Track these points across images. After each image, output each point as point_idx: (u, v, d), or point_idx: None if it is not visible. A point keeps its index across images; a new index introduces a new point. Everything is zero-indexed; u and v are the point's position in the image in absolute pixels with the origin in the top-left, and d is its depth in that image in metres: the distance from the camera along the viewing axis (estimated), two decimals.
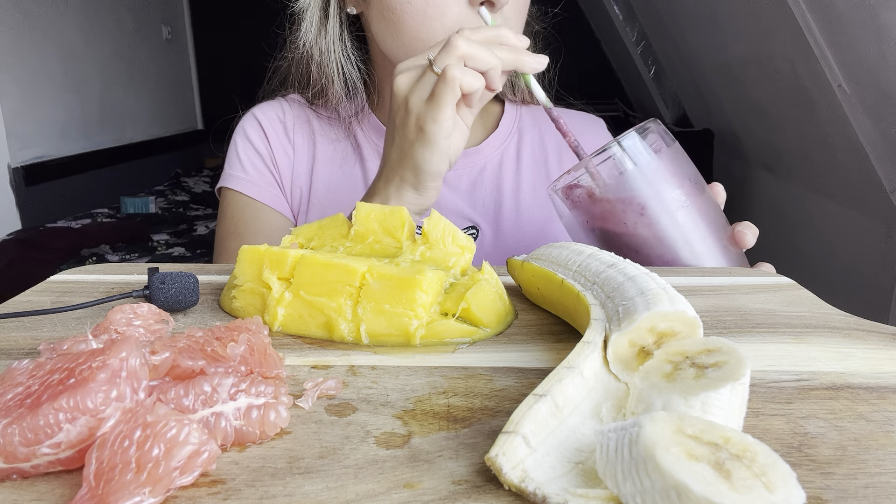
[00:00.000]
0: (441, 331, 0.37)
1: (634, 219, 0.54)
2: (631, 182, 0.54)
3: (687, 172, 0.56)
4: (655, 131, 0.56)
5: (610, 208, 0.55)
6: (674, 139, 0.57)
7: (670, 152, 0.56)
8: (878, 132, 1.31)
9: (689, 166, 0.57)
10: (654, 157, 0.55)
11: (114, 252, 2.29)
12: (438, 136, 0.53)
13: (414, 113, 0.54)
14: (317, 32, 0.72)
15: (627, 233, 0.55)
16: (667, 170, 0.55)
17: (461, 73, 0.51)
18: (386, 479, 0.24)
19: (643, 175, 0.54)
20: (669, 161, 0.55)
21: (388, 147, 0.58)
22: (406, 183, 0.57)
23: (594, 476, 0.23)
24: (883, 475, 0.25)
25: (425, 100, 0.53)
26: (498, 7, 0.61)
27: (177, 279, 0.41)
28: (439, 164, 0.55)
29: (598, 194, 0.55)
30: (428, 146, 0.54)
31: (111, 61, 3.33)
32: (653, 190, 0.54)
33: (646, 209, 0.54)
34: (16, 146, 2.61)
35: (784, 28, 1.41)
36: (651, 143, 0.55)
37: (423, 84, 0.53)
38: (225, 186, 0.78)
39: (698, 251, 0.55)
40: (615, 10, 2.98)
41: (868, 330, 0.39)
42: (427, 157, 0.54)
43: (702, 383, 0.25)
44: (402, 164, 0.56)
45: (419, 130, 0.54)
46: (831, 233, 1.60)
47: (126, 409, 0.25)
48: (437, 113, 0.52)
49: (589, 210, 0.56)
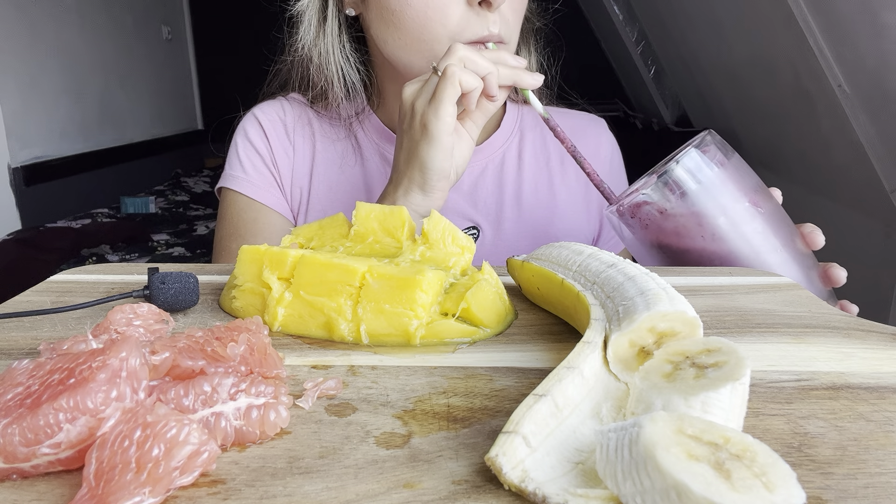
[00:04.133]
0: (441, 331, 0.37)
1: (711, 231, 0.54)
2: (698, 198, 0.53)
3: (751, 182, 0.56)
4: (713, 143, 0.55)
5: (684, 223, 0.54)
6: (733, 151, 0.56)
7: (732, 164, 0.55)
8: (878, 132, 1.31)
9: (753, 175, 0.56)
10: (719, 171, 0.54)
11: (114, 252, 2.29)
12: (440, 132, 0.57)
13: (419, 113, 0.58)
14: (315, 35, 0.72)
15: (703, 247, 0.54)
16: (733, 182, 0.54)
17: (460, 70, 0.56)
18: (386, 479, 0.24)
19: (709, 191, 0.53)
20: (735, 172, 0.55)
21: (398, 152, 0.62)
22: (413, 184, 0.60)
23: (594, 476, 0.23)
24: (883, 475, 0.25)
25: (429, 100, 0.57)
26: (495, 6, 0.62)
27: (177, 279, 0.41)
28: (443, 162, 0.58)
29: (670, 211, 0.54)
30: (431, 142, 0.57)
31: (111, 61, 3.33)
32: (720, 204, 0.54)
33: (719, 224, 0.54)
34: (16, 146, 2.61)
35: (784, 28, 1.41)
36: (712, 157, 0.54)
37: (427, 87, 0.59)
38: (225, 187, 0.78)
39: (771, 259, 0.55)
40: (615, 10, 2.97)
41: (868, 330, 0.39)
42: (432, 153, 0.58)
43: (702, 383, 0.25)
44: (410, 165, 0.60)
45: (423, 128, 0.58)
46: (831, 233, 1.60)
47: (126, 409, 0.25)
48: (438, 108, 0.56)
49: (660, 227, 0.55)
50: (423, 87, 0.59)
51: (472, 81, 0.56)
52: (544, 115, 0.60)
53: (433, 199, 0.60)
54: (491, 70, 0.57)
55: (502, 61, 0.59)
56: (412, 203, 0.60)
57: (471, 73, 0.56)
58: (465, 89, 0.56)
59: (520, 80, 0.60)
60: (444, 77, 0.56)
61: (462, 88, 0.56)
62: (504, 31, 0.65)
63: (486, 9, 0.63)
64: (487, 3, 0.62)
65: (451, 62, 0.56)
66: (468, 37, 0.63)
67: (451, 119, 0.57)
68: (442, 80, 0.56)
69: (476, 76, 0.56)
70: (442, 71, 0.56)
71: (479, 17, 0.63)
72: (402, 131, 0.61)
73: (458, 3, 0.63)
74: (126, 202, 2.96)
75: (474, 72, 0.56)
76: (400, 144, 0.62)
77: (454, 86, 0.55)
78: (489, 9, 0.62)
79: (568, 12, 0.86)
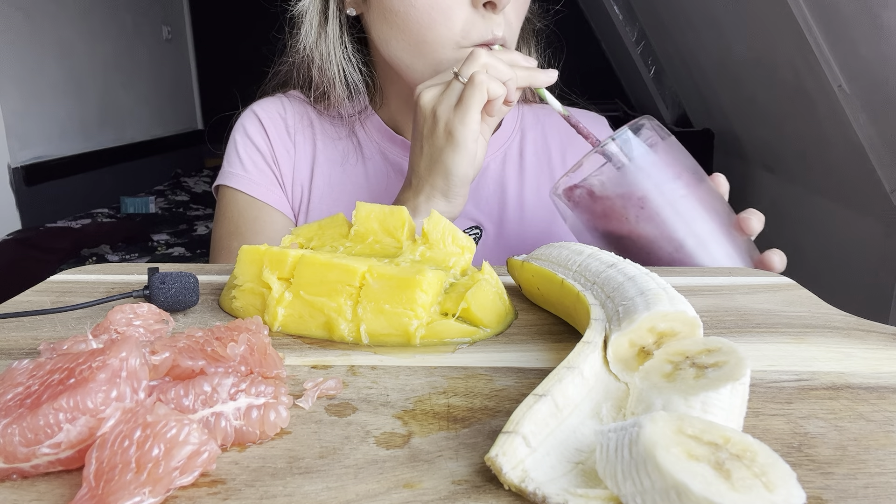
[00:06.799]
0: (441, 331, 0.37)
1: (636, 213, 0.54)
2: (628, 177, 0.54)
3: (685, 164, 0.56)
4: (649, 127, 0.56)
5: (611, 205, 0.55)
6: (669, 133, 0.57)
7: (665, 146, 0.56)
8: (878, 132, 1.31)
9: (687, 158, 0.57)
10: (649, 151, 0.55)
11: (114, 252, 2.29)
12: (468, 139, 0.57)
13: (443, 119, 0.58)
14: (317, 35, 0.72)
15: (631, 230, 0.55)
16: (663, 162, 0.55)
17: (487, 78, 0.56)
18: (386, 479, 0.24)
19: (639, 169, 0.55)
20: (665, 154, 0.56)
21: (417, 158, 0.61)
22: (436, 191, 0.60)
23: (594, 476, 0.23)
24: (883, 475, 0.25)
25: (453, 106, 0.57)
26: (500, 8, 0.62)
27: (177, 279, 0.41)
28: (468, 168, 0.58)
29: (598, 192, 0.55)
30: (458, 149, 0.57)
31: (111, 61, 3.33)
32: (651, 182, 0.54)
33: (646, 202, 0.54)
34: (16, 146, 2.61)
35: (784, 28, 1.41)
36: (645, 138, 0.55)
37: (450, 93, 0.58)
38: (224, 185, 0.77)
39: (704, 240, 0.55)
40: (615, 10, 2.97)
41: (868, 330, 0.39)
42: (458, 160, 0.58)
43: (702, 383, 0.25)
44: (433, 172, 0.59)
45: (448, 135, 0.57)
46: (831, 233, 1.60)
47: (126, 409, 0.25)
48: (466, 115, 0.56)
49: (591, 209, 0.57)
50: (446, 93, 0.58)
51: (498, 89, 0.56)
52: (564, 112, 0.60)
53: (455, 204, 0.60)
54: (512, 76, 0.57)
55: (516, 63, 0.59)
56: (436, 209, 0.59)
57: (496, 80, 0.56)
58: (492, 97, 0.56)
59: (535, 80, 0.60)
60: (471, 84, 0.55)
61: (489, 95, 0.56)
62: (507, 34, 0.64)
63: (490, 10, 0.62)
64: (492, 4, 0.61)
65: (477, 69, 0.56)
66: (473, 39, 0.63)
67: (478, 126, 0.57)
68: (469, 87, 0.55)
69: (500, 83, 0.56)
70: (468, 78, 0.56)
71: (484, 20, 0.63)
72: (423, 137, 0.60)
73: (462, 5, 0.62)
74: (126, 202, 2.96)
75: (497, 78, 0.56)
76: (419, 150, 0.61)
77: (482, 93, 0.55)
78: (494, 10, 0.62)
79: (568, 12, 0.85)
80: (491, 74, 0.56)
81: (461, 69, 0.57)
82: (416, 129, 0.61)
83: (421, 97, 0.60)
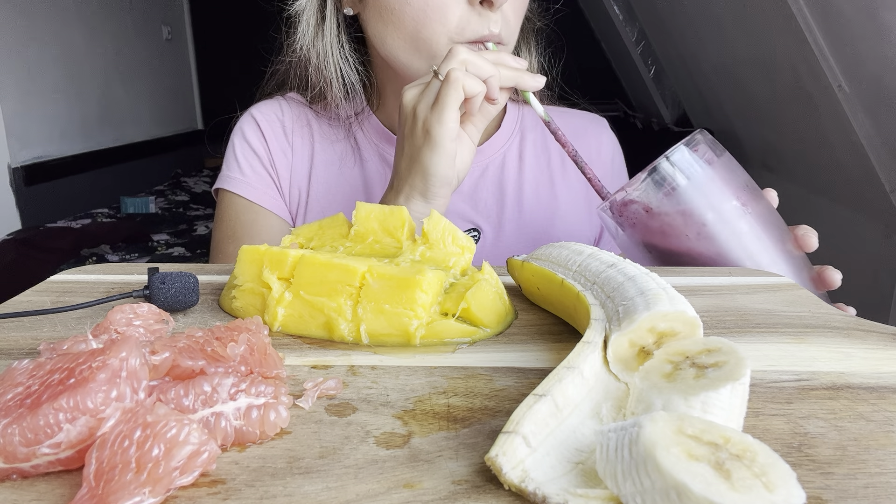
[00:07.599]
0: (441, 331, 0.37)
1: (696, 231, 0.53)
2: (685, 196, 0.53)
3: (741, 180, 0.55)
4: (704, 142, 0.55)
5: (669, 222, 0.54)
6: (724, 149, 0.56)
7: (722, 162, 0.55)
8: (878, 132, 1.31)
9: (743, 174, 0.56)
10: (706, 167, 0.54)
11: (114, 252, 2.29)
12: (444, 138, 0.56)
13: (421, 118, 0.57)
14: (314, 35, 0.71)
15: (690, 248, 0.54)
16: (721, 179, 0.54)
17: (463, 75, 0.54)
18: (386, 479, 0.24)
19: (697, 188, 0.53)
20: (724, 170, 0.55)
21: (398, 158, 0.61)
22: (415, 191, 0.59)
23: (594, 476, 0.23)
24: (883, 475, 0.25)
25: (431, 104, 0.56)
26: (497, 5, 0.61)
27: (177, 279, 0.41)
28: (446, 168, 0.57)
29: (656, 209, 0.54)
30: (435, 149, 0.56)
31: (111, 61, 3.33)
32: (709, 201, 0.53)
33: (705, 221, 0.53)
34: (16, 146, 2.61)
35: (784, 28, 1.41)
36: (701, 154, 0.54)
37: (428, 91, 0.57)
38: (222, 188, 0.77)
39: (763, 259, 0.54)
40: (615, 10, 2.97)
41: (868, 330, 0.39)
42: (435, 160, 0.57)
43: (702, 383, 0.25)
44: (411, 171, 0.59)
45: (426, 134, 0.56)
46: (831, 233, 1.60)
47: (126, 409, 0.25)
48: (442, 113, 0.55)
49: (647, 226, 0.55)
50: (425, 92, 0.57)
51: (476, 86, 0.55)
52: (545, 117, 0.60)
53: (435, 205, 0.60)
54: (493, 73, 0.56)
55: (503, 63, 0.58)
56: (413, 210, 0.59)
57: (474, 77, 0.55)
58: (469, 94, 0.55)
59: (521, 83, 0.59)
60: (447, 82, 0.54)
61: (465, 93, 0.55)
62: (504, 32, 0.64)
63: (487, 8, 0.62)
64: (489, 2, 0.61)
65: (454, 66, 0.55)
66: (468, 36, 0.63)
67: (455, 124, 0.55)
68: (445, 84, 0.55)
69: (479, 80, 0.55)
70: (444, 75, 0.55)
71: (481, 17, 0.62)
72: (404, 136, 0.60)
73: (458, 3, 0.62)
74: (126, 202, 2.96)
75: (476, 75, 0.55)
76: (401, 150, 0.60)
77: (457, 91, 0.54)
78: (490, 8, 0.62)
79: (568, 11, 0.85)
80: (470, 71, 0.55)
81: (440, 66, 0.56)
82: (399, 129, 0.61)
83: (403, 96, 0.59)
